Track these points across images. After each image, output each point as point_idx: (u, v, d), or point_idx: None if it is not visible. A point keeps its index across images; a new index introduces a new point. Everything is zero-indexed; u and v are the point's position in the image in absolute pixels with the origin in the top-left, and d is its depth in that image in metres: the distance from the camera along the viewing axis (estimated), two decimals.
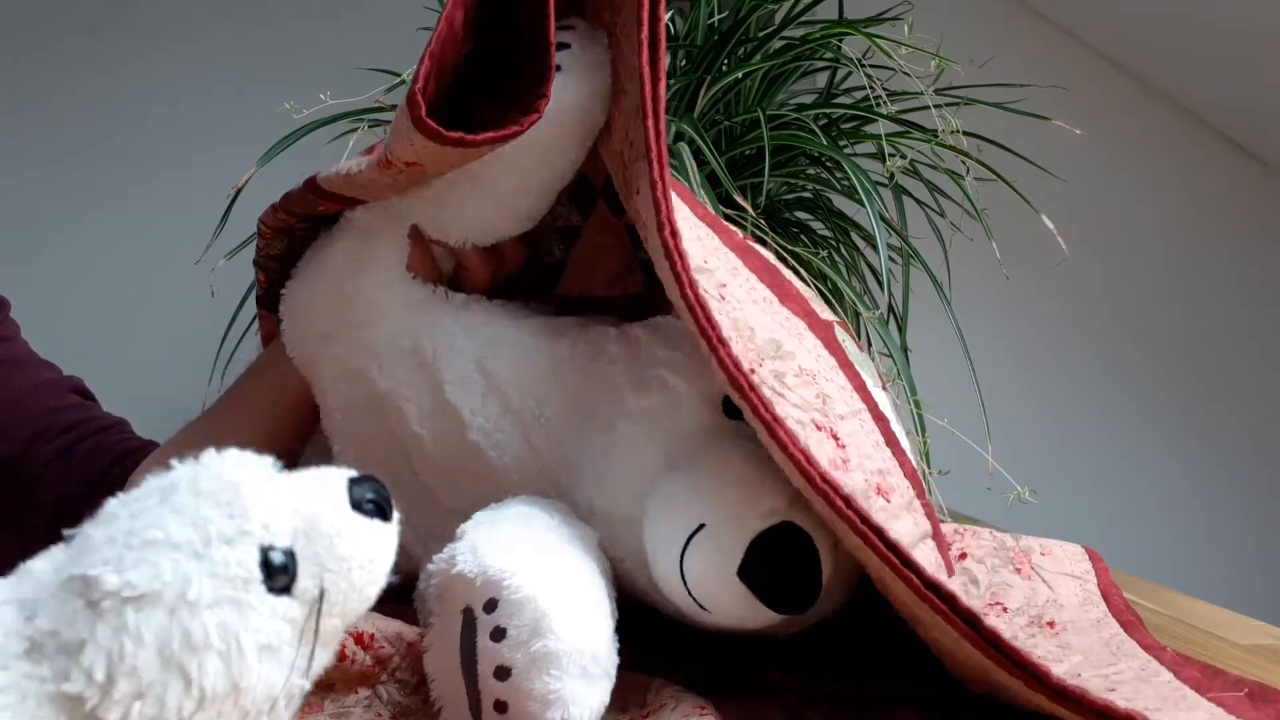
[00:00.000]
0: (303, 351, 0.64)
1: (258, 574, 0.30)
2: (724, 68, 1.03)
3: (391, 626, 0.48)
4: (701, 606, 0.46)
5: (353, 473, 0.35)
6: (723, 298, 0.52)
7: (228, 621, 0.29)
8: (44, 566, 0.30)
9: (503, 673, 0.40)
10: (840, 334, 0.59)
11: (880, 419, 0.55)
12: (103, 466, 0.70)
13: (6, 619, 0.28)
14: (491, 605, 0.40)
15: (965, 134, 1.00)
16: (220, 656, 0.29)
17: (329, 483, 0.34)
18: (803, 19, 1.07)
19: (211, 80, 1.50)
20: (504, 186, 0.59)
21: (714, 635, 0.51)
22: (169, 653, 0.28)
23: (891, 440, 0.55)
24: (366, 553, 0.33)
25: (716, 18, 1.06)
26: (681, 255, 0.47)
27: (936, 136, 0.99)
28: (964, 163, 1.01)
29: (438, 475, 0.59)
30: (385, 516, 0.34)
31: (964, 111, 1.02)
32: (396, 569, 0.36)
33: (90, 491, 0.69)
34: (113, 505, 0.31)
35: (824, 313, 0.60)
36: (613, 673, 0.43)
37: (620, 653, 0.44)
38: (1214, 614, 0.70)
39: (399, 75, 0.99)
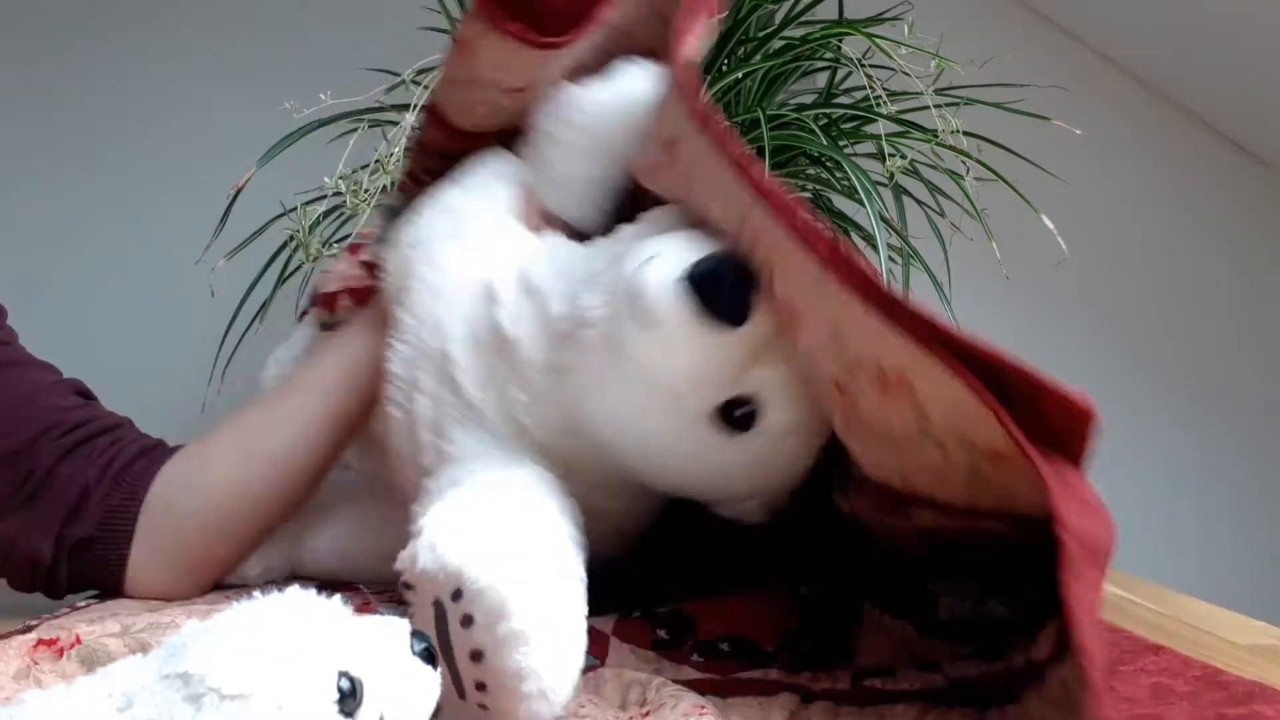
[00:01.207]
0: (401, 267, 0.69)
1: (334, 694, 0.35)
2: (724, 68, 1.03)
3: None
4: (648, 320, 0.50)
5: (410, 625, 0.40)
6: None
7: None
8: (129, 667, 0.35)
9: (477, 655, 0.42)
10: None
11: None
12: (128, 459, 0.71)
13: (99, 709, 0.33)
14: (458, 595, 0.43)
15: (965, 134, 1.00)
16: None
17: (394, 629, 0.39)
18: (803, 19, 1.07)
19: (211, 80, 1.50)
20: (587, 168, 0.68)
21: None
22: None
23: None
24: (421, 691, 0.39)
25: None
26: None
27: (936, 136, 0.99)
28: (964, 163, 1.01)
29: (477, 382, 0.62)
30: (435, 665, 0.39)
31: (964, 111, 1.02)
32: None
33: (117, 480, 0.69)
34: (200, 624, 0.36)
35: None
36: (581, 638, 0.45)
37: (632, 638, 0.45)
38: (1214, 614, 0.70)
39: (399, 75, 0.99)
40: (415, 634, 0.39)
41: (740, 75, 1.03)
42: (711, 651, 0.58)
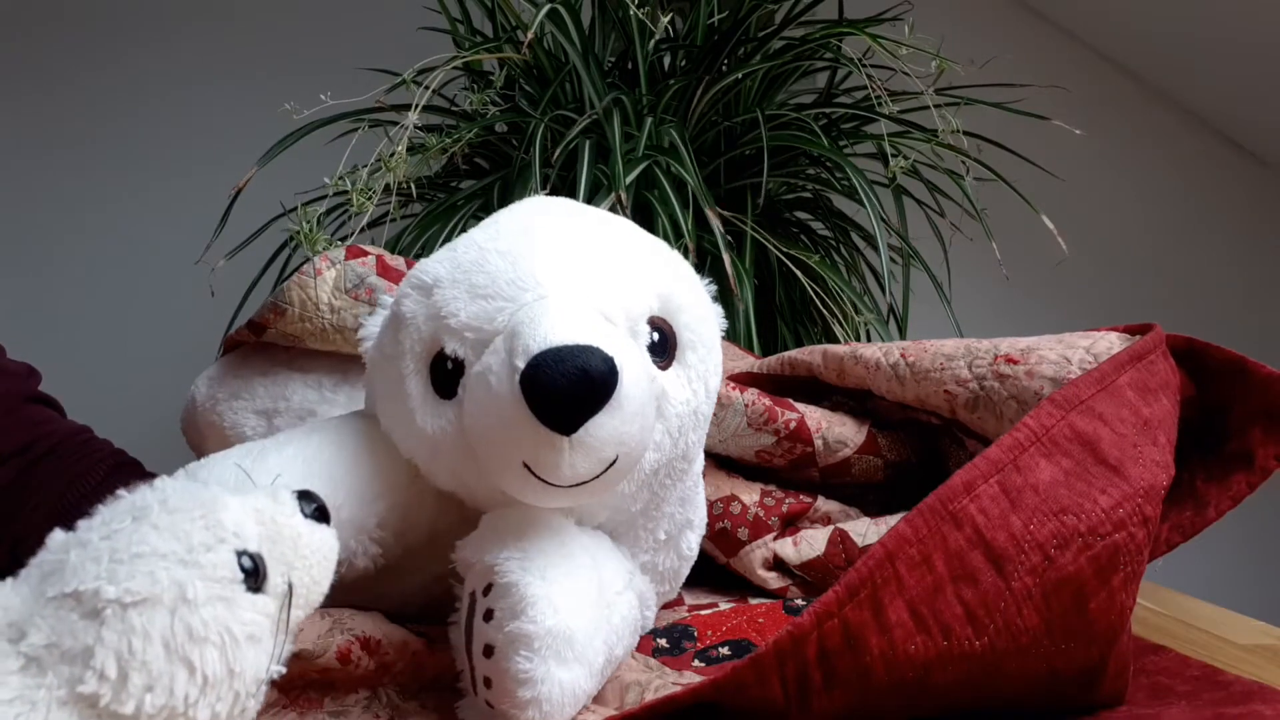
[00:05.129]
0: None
1: (239, 575, 0.34)
2: (724, 68, 1.03)
3: (397, 634, 0.49)
4: None
5: (295, 487, 0.40)
6: None
7: (220, 616, 0.33)
8: (6, 598, 0.33)
9: (488, 650, 0.42)
10: None
11: None
12: (101, 476, 0.69)
13: None
14: (488, 589, 0.42)
15: (965, 134, 1.00)
16: (217, 647, 0.33)
17: (279, 495, 0.39)
18: (803, 19, 1.07)
19: (211, 80, 1.50)
20: None
21: None
22: (174, 646, 0.32)
23: None
24: (321, 551, 0.39)
25: (716, 18, 1.06)
26: None
27: (937, 136, 0.99)
28: (964, 163, 1.01)
29: None
30: (328, 520, 0.40)
31: (964, 111, 1.02)
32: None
33: (99, 492, 0.68)
34: (71, 536, 0.34)
35: None
36: (593, 660, 0.44)
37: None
38: (1214, 614, 0.69)
39: (399, 75, 0.98)
40: (302, 496, 0.39)
41: (740, 75, 1.03)
42: (712, 657, 0.58)
